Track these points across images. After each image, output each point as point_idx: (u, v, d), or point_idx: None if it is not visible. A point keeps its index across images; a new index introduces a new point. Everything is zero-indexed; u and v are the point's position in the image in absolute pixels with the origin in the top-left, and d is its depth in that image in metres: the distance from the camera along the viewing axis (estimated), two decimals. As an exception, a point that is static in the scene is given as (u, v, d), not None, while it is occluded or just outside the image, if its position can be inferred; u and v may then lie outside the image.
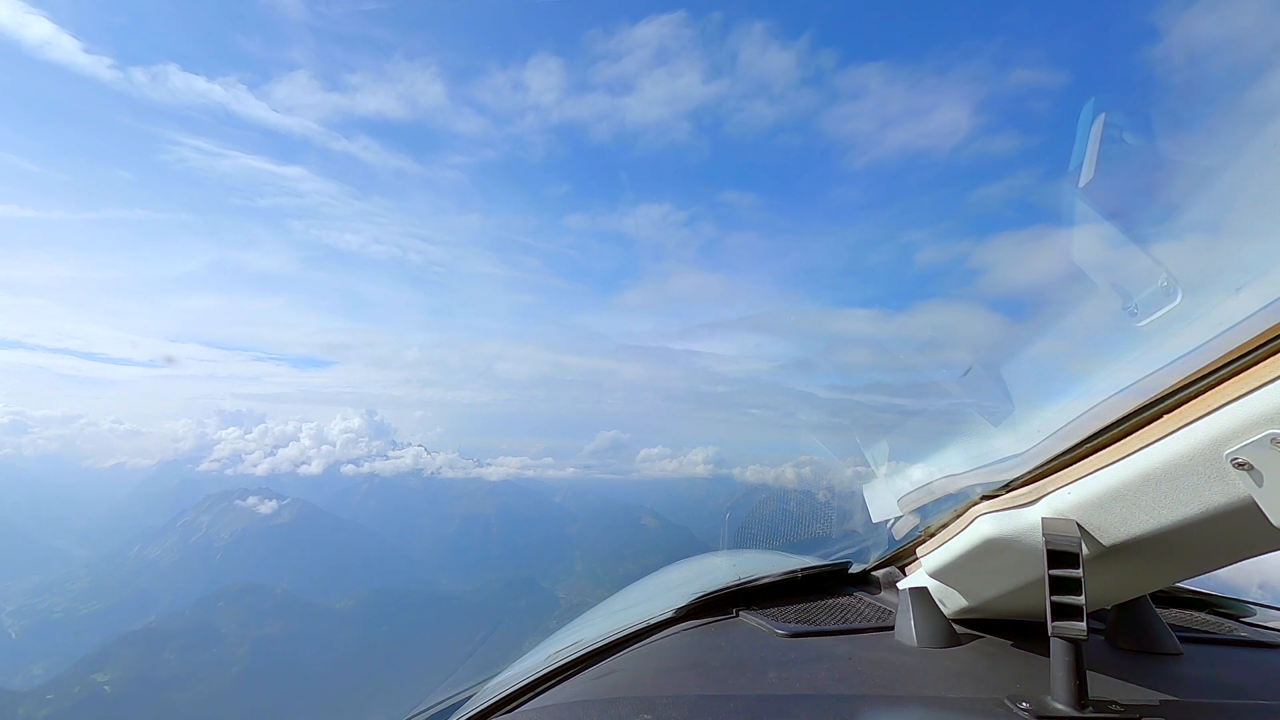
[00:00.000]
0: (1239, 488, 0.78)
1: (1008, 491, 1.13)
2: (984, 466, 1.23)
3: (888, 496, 1.56)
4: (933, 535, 1.37)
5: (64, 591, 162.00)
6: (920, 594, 1.42)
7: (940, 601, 1.41)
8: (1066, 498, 1.01)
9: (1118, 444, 0.94)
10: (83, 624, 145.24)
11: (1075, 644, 0.98)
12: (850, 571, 1.84)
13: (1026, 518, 1.06)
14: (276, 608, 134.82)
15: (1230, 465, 0.77)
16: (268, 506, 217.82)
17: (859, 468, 1.70)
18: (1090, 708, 0.98)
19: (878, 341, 1.62)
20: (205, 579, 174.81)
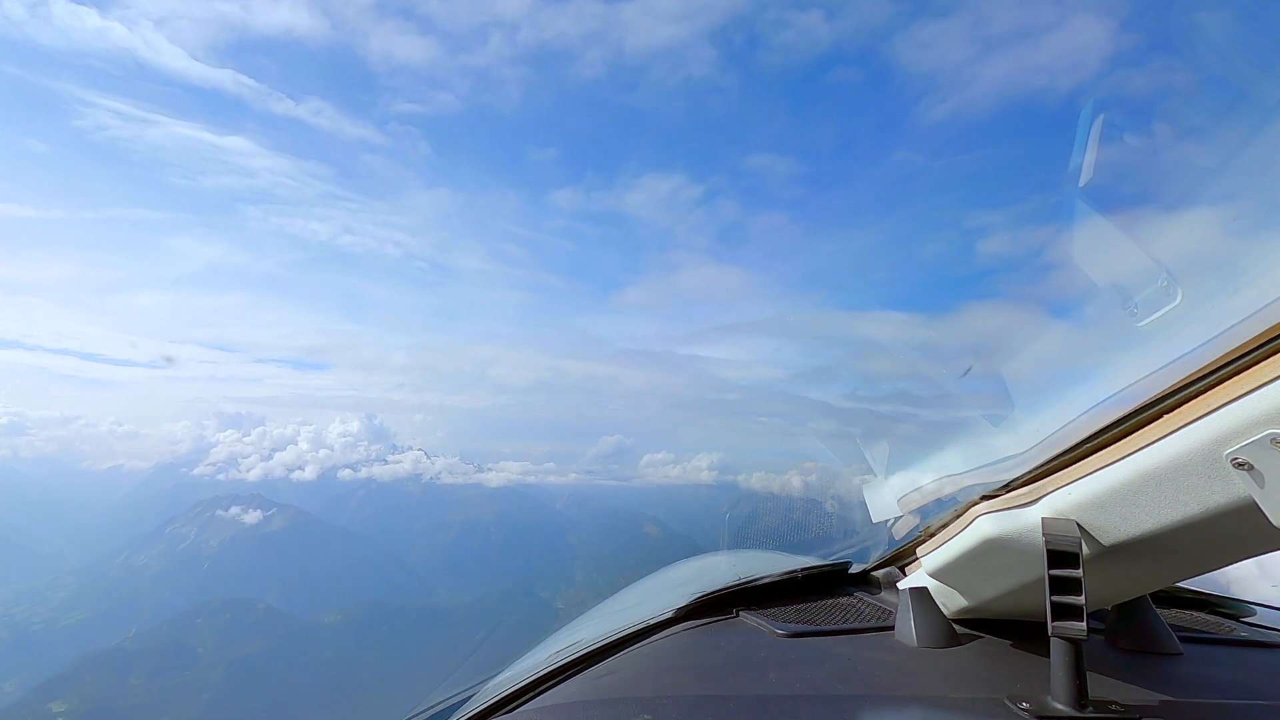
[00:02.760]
0: (1239, 488, 0.79)
1: (1008, 491, 1.13)
2: (984, 466, 1.23)
3: (888, 496, 1.56)
4: (933, 535, 1.37)
5: (46, 600, 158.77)
6: (920, 594, 1.42)
7: (940, 601, 1.42)
8: (1066, 498, 1.01)
9: (1118, 444, 0.94)
10: (61, 636, 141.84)
11: (1075, 644, 0.99)
12: (850, 571, 1.84)
13: (1026, 518, 1.06)
14: (258, 624, 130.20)
15: (1230, 465, 0.78)
16: (252, 516, 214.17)
17: (864, 474, 1.70)
18: (1090, 708, 0.98)
19: (909, 348, 1.58)
20: (190, 590, 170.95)
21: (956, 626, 1.42)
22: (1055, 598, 0.98)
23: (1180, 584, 1.72)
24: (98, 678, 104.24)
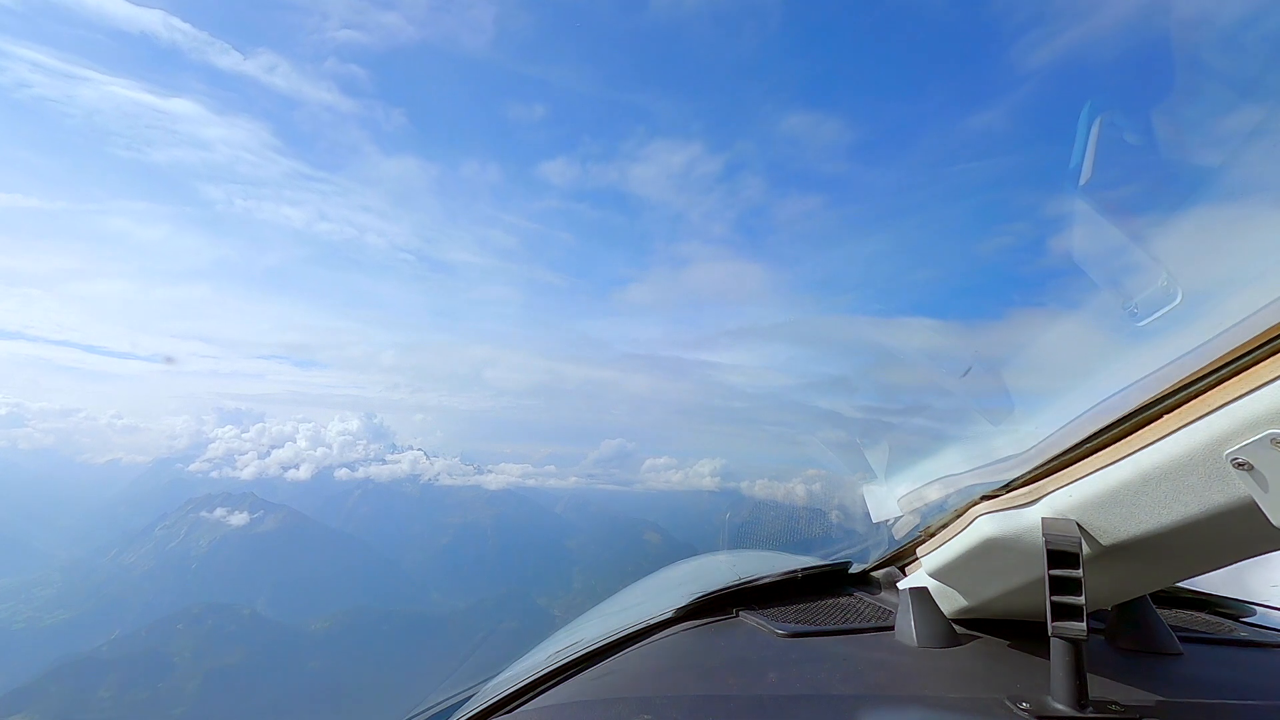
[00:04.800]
0: (1239, 488, 0.79)
1: (1008, 491, 1.13)
2: (984, 466, 1.23)
3: (888, 497, 1.56)
4: (933, 535, 1.37)
5: (32, 598, 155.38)
6: (920, 594, 1.42)
7: (940, 601, 1.42)
8: (1066, 498, 1.01)
9: (1118, 444, 0.94)
10: (41, 638, 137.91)
11: (1075, 644, 0.99)
12: (850, 571, 1.84)
13: (1026, 518, 1.07)
14: (241, 631, 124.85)
15: (1230, 465, 0.78)
16: (239, 518, 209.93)
17: (865, 475, 1.69)
18: (1090, 708, 0.98)
19: (935, 358, 1.52)
20: (176, 591, 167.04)
21: (956, 626, 1.42)
22: (1055, 598, 0.98)
23: (1180, 584, 1.72)
24: (65, 688, 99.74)
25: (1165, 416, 0.87)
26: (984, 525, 1.14)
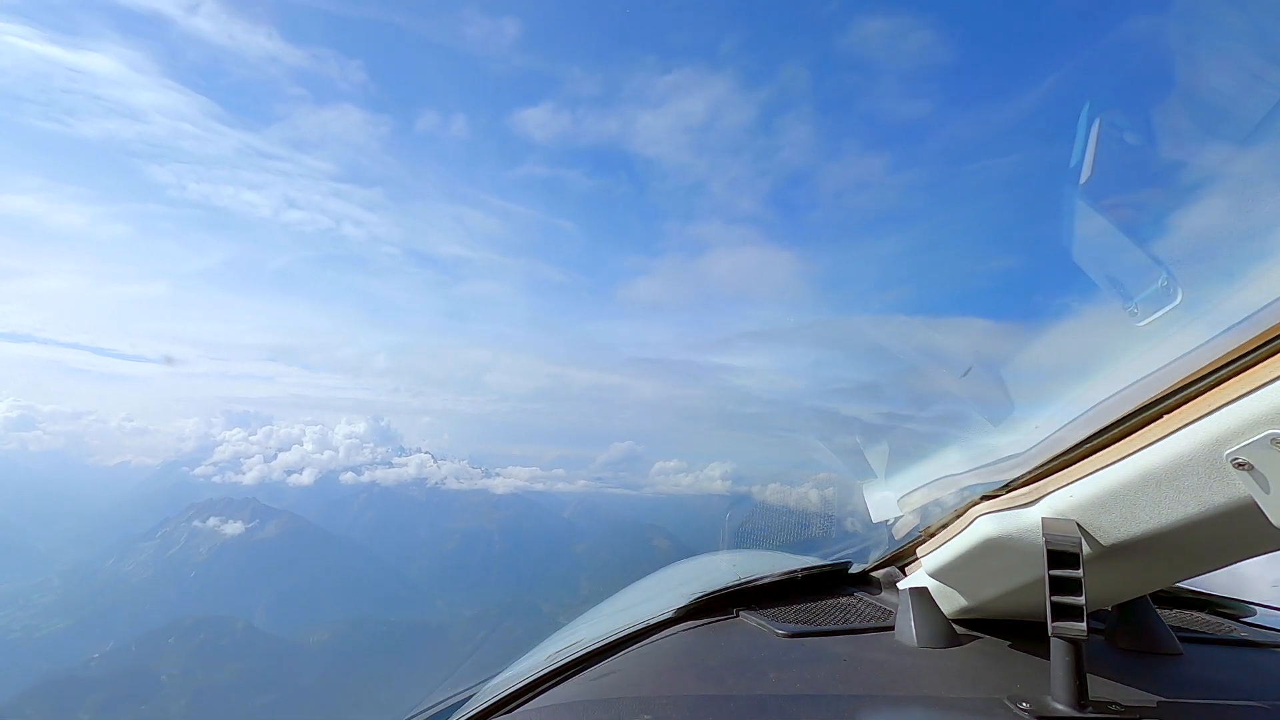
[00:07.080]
0: (1239, 488, 0.79)
1: (1008, 491, 1.14)
2: (984, 466, 1.24)
3: (888, 497, 1.56)
4: (933, 535, 1.38)
5: (30, 605, 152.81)
6: (920, 594, 1.42)
7: (940, 601, 1.42)
8: (1066, 498, 1.01)
9: (1118, 444, 0.94)
10: (36, 648, 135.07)
11: (1075, 644, 0.99)
12: (850, 571, 1.84)
13: (1026, 518, 1.07)
14: (235, 645, 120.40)
15: (1230, 465, 0.78)
16: (233, 527, 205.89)
17: (869, 481, 1.68)
18: (1090, 708, 0.99)
19: (940, 358, 1.46)
20: (172, 601, 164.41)
21: (956, 626, 1.42)
22: (1055, 598, 0.98)
23: (1180, 584, 1.72)
24: (43, 710, 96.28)
25: (1165, 416, 0.87)
26: (984, 525, 1.14)
